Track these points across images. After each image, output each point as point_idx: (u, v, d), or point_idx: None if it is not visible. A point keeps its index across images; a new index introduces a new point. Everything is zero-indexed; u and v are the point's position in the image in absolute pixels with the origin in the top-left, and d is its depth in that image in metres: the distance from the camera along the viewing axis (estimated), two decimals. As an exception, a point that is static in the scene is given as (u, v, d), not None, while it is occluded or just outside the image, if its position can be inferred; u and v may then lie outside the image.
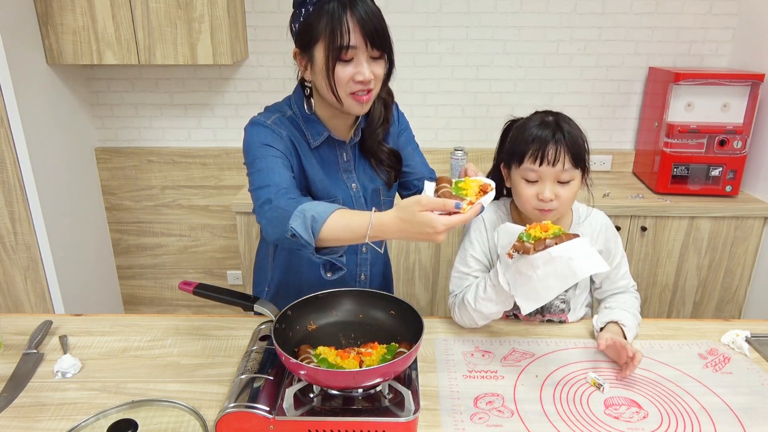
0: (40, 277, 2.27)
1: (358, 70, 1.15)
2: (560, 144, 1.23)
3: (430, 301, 2.53)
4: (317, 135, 1.28)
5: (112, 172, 2.75)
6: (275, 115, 1.26)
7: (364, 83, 1.16)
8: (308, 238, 1.05)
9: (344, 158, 1.34)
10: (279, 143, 1.22)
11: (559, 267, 1.09)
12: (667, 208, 2.30)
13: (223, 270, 2.91)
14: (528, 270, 1.12)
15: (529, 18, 2.56)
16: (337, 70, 1.14)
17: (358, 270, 1.43)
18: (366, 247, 1.40)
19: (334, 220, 1.05)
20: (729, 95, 2.31)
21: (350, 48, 1.12)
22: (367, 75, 1.15)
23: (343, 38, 1.11)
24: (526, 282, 1.13)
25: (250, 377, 1.06)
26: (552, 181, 1.25)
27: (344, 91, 1.17)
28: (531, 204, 1.27)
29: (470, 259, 1.38)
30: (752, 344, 1.30)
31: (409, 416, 0.98)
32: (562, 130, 1.25)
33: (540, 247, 1.08)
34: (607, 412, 1.08)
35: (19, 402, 1.09)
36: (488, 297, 1.25)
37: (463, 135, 2.74)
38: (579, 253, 1.08)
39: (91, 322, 1.38)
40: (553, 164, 1.23)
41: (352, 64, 1.15)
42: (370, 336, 1.16)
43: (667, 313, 2.48)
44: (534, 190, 1.26)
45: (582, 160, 1.26)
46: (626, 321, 1.28)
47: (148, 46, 2.24)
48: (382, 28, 1.14)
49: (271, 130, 1.23)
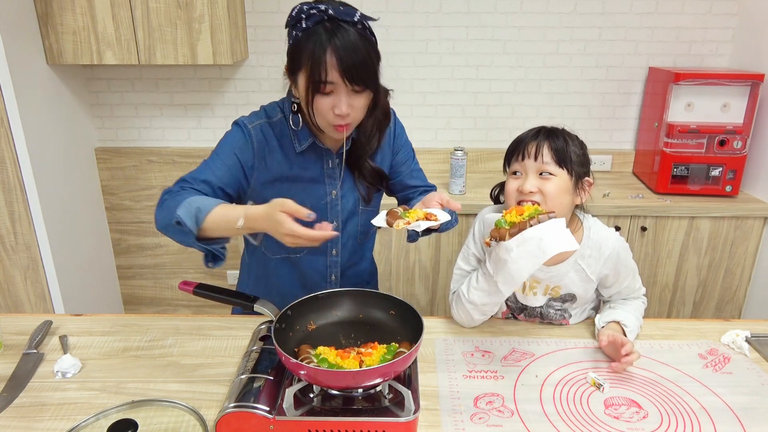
0: (40, 277, 2.27)
1: (335, 103, 1.16)
2: (541, 140, 1.27)
3: (430, 301, 2.53)
4: (303, 140, 1.31)
5: (112, 172, 2.75)
6: (260, 121, 1.30)
7: (342, 117, 1.17)
8: (191, 225, 1.11)
9: (329, 165, 1.35)
10: (245, 152, 1.27)
11: (530, 248, 1.11)
12: (667, 208, 2.30)
13: (222, 270, 2.91)
14: (504, 254, 1.15)
15: (529, 18, 2.56)
16: (317, 100, 1.17)
17: (329, 271, 1.45)
18: (336, 249, 1.42)
19: (216, 211, 1.12)
20: (729, 95, 2.31)
21: (328, 83, 1.14)
22: (344, 110, 1.16)
23: (320, 74, 1.13)
24: (503, 266, 1.17)
25: (250, 377, 1.06)
26: (534, 174, 1.26)
27: (324, 120, 1.20)
28: (514, 197, 1.28)
29: (472, 258, 1.40)
30: (752, 344, 1.30)
31: (409, 416, 0.98)
32: (548, 132, 1.28)
33: (515, 231, 1.11)
34: (607, 412, 1.08)
35: (19, 402, 1.09)
36: (479, 287, 1.28)
37: (463, 135, 2.74)
38: (550, 232, 1.10)
39: (91, 322, 1.38)
40: (534, 158, 1.26)
41: (331, 96, 1.16)
42: (370, 336, 1.16)
43: (667, 313, 2.48)
44: (517, 183, 1.28)
45: (566, 161, 1.26)
46: (628, 321, 1.28)
47: (148, 46, 2.24)
48: (362, 63, 1.13)
49: (246, 137, 1.27)
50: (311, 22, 1.13)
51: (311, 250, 1.39)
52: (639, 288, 1.40)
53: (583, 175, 1.30)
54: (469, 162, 2.59)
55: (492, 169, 2.73)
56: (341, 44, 1.11)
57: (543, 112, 2.70)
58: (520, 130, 1.34)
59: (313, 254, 1.41)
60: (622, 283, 1.36)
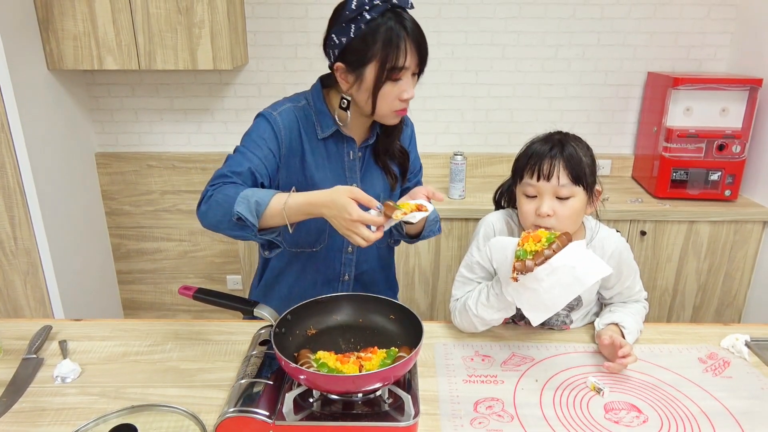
0: (39, 281, 2.27)
1: (404, 89, 1.20)
2: (556, 159, 1.23)
3: (430, 305, 2.53)
4: (326, 127, 1.31)
5: (112, 176, 2.75)
6: (287, 105, 1.31)
7: (407, 101, 1.21)
8: (253, 220, 1.12)
9: (350, 156, 1.36)
10: (272, 141, 1.27)
11: (562, 277, 1.09)
12: (667, 213, 2.30)
13: (222, 275, 2.91)
14: (533, 284, 1.12)
15: (528, 23, 2.57)
16: (387, 89, 1.19)
17: (343, 269, 1.44)
18: (351, 247, 1.42)
19: (275, 201, 1.13)
20: (727, 100, 2.32)
21: (404, 69, 1.17)
22: (412, 94, 1.21)
23: (399, 60, 1.16)
24: (532, 295, 1.13)
25: (249, 382, 1.06)
26: (550, 196, 1.24)
27: (388, 107, 1.22)
28: (530, 220, 1.27)
29: (476, 266, 1.37)
30: (752, 348, 1.30)
31: (409, 421, 0.98)
32: (562, 146, 1.24)
33: (540, 260, 1.09)
34: (607, 416, 1.08)
35: (19, 407, 1.09)
36: (490, 305, 1.26)
37: (463, 139, 2.75)
38: (580, 260, 1.09)
39: (90, 327, 1.38)
40: (548, 179, 1.23)
41: (399, 82, 1.19)
42: (370, 340, 1.16)
43: (667, 318, 2.48)
44: (533, 205, 1.26)
45: (582, 177, 1.24)
46: (627, 324, 1.28)
47: (148, 51, 2.24)
48: (427, 47, 1.20)
49: (271, 125, 1.27)
50: (376, 12, 1.15)
51: (328, 246, 1.39)
52: (639, 290, 1.40)
53: (594, 184, 1.29)
54: (469, 166, 2.59)
55: (491, 174, 2.74)
56: (413, 31, 1.17)
57: (542, 116, 2.70)
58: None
59: (329, 250, 1.41)
60: (623, 283, 1.36)
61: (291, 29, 2.58)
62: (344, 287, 1.45)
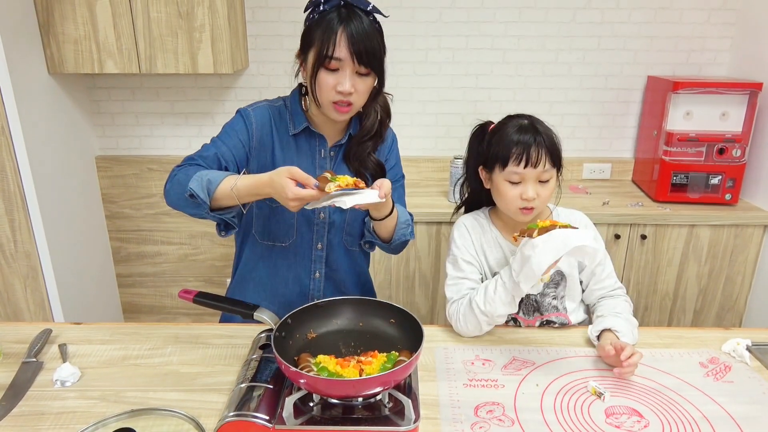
0: (39, 285, 2.27)
1: (339, 81, 1.24)
2: (541, 147, 1.31)
3: (431, 309, 2.53)
4: (298, 124, 1.38)
5: (112, 180, 2.76)
6: (263, 103, 1.40)
7: (343, 94, 1.24)
8: (204, 197, 1.18)
9: (321, 155, 1.40)
10: (243, 133, 1.35)
11: (555, 242, 1.16)
12: (667, 217, 2.30)
13: (222, 278, 2.90)
14: (529, 250, 1.18)
15: (529, 27, 2.58)
16: (322, 76, 1.24)
17: (313, 266, 1.47)
18: (321, 243, 1.45)
19: (226, 181, 1.19)
20: (728, 104, 2.32)
21: (335, 59, 1.22)
22: (347, 87, 1.24)
23: (328, 49, 1.21)
24: (526, 262, 1.19)
25: (249, 386, 1.06)
26: (534, 181, 1.32)
27: (326, 98, 1.26)
28: (515, 204, 1.34)
29: (462, 263, 1.41)
30: (753, 353, 1.30)
31: (409, 425, 0.98)
32: (540, 132, 1.32)
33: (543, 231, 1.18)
34: (608, 421, 1.08)
35: (18, 411, 1.09)
36: (498, 297, 1.28)
37: (463, 143, 2.70)
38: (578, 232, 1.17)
39: (90, 331, 1.38)
40: (535, 165, 1.30)
41: (336, 74, 1.24)
42: (370, 344, 1.16)
43: (668, 322, 2.47)
44: (518, 190, 1.33)
45: (559, 159, 1.34)
46: (619, 327, 1.28)
47: (149, 55, 2.25)
48: (372, 47, 1.23)
49: (244, 119, 1.36)
50: (328, 6, 1.22)
51: (297, 242, 1.43)
52: (615, 282, 1.44)
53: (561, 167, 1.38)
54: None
55: (492, 178, 2.73)
56: (353, 26, 1.20)
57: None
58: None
59: (299, 246, 1.44)
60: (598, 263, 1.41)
61: (292, 33, 2.58)
62: (315, 284, 1.47)
